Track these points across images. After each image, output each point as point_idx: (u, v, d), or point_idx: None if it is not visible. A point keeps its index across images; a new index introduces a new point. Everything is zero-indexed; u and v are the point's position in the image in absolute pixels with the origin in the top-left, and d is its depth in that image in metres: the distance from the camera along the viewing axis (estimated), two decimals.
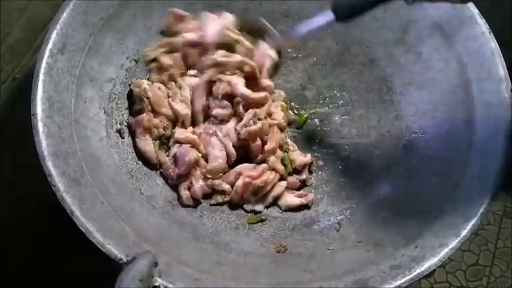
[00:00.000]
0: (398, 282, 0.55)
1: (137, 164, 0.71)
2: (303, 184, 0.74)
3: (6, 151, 0.74)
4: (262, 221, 0.70)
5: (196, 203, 0.70)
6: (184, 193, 0.69)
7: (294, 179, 0.73)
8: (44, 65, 0.62)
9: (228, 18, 0.75)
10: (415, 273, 0.55)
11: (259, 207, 0.71)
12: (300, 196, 0.72)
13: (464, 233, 0.58)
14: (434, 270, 0.57)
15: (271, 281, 0.59)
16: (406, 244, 0.59)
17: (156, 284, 0.52)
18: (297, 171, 0.74)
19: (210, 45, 0.73)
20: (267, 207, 0.72)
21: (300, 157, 0.74)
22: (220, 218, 0.70)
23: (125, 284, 0.50)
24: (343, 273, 0.58)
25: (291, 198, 0.72)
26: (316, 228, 0.69)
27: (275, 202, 0.72)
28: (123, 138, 0.71)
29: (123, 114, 0.72)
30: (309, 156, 0.74)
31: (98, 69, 0.69)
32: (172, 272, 0.55)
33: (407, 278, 0.55)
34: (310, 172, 0.75)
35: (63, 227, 0.56)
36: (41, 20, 0.73)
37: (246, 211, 0.71)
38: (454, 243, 0.57)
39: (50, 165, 0.57)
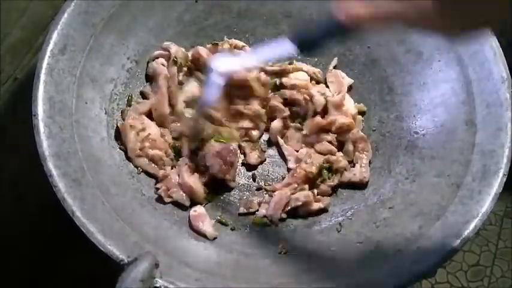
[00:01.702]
0: (399, 283, 0.55)
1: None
2: (333, 191, 0.73)
3: (6, 151, 0.74)
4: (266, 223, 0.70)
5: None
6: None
7: (326, 187, 0.71)
8: (45, 65, 0.62)
9: None
10: (417, 274, 0.55)
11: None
12: (317, 201, 0.70)
13: (466, 233, 0.58)
14: (435, 270, 0.57)
15: (272, 281, 0.59)
16: (408, 245, 0.59)
17: (157, 284, 0.52)
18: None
19: None
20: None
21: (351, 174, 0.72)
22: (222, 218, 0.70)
23: (126, 284, 0.50)
24: (344, 274, 0.58)
25: (312, 204, 0.70)
26: (317, 228, 0.69)
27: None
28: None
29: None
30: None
31: (99, 69, 0.69)
32: (173, 272, 0.55)
33: (409, 278, 0.55)
34: None
35: (63, 227, 0.56)
36: (42, 20, 0.73)
37: (247, 213, 0.71)
38: (455, 244, 0.57)
39: (51, 166, 0.57)
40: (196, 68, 0.75)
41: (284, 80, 0.77)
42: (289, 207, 0.69)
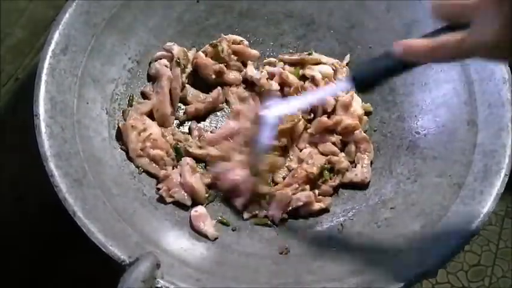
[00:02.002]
0: (401, 284, 0.55)
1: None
2: (335, 191, 0.72)
3: (6, 151, 0.74)
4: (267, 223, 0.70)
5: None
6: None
7: (327, 187, 0.71)
8: (46, 65, 0.62)
9: None
10: (418, 274, 0.55)
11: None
12: (319, 201, 0.70)
13: (467, 234, 0.58)
14: (436, 271, 0.57)
15: (273, 281, 0.59)
16: (409, 245, 0.59)
17: (159, 285, 0.52)
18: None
19: None
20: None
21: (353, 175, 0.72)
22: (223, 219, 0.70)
23: (128, 285, 0.50)
24: (345, 275, 0.58)
25: (313, 205, 0.70)
26: (318, 229, 0.69)
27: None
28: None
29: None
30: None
31: (100, 69, 0.69)
32: (175, 272, 0.55)
33: (411, 279, 0.55)
34: None
35: (64, 227, 0.56)
36: (43, 20, 0.73)
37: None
38: (457, 244, 0.57)
39: (52, 166, 0.57)
40: (200, 74, 0.77)
41: (307, 71, 0.77)
42: (290, 208, 0.69)
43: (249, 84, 0.78)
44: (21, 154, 0.72)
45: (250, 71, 0.78)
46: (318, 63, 0.78)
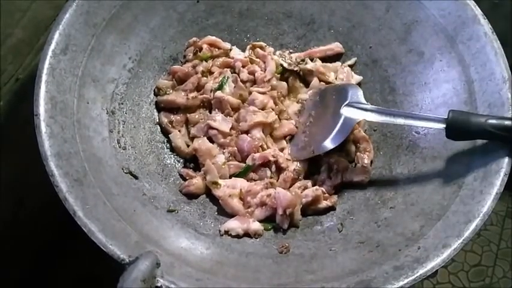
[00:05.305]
0: (401, 283, 0.55)
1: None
2: (336, 191, 0.73)
3: (7, 151, 0.74)
4: (274, 227, 0.69)
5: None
6: None
7: (328, 186, 0.71)
8: (46, 65, 0.62)
9: None
10: (418, 274, 0.55)
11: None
12: (325, 199, 0.70)
13: (467, 233, 0.58)
14: (437, 271, 0.57)
15: (273, 281, 0.59)
16: (409, 245, 0.59)
17: (159, 284, 0.52)
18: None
19: None
20: None
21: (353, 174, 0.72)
22: (223, 219, 0.70)
23: (127, 284, 0.50)
24: (345, 274, 0.58)
25: (320, 202, 0.70)
26: (318, 228, 0.69)
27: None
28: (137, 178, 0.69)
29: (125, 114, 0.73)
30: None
31: (101, 69, 0.69)
32: (175, 272, 0.55)
33: (410, 278, 0.55)
34: None
35: (64, 227, 0.56)
36: (44, 20, 0.73)
37: None
38: (457, 244, 0.57)
39: (52, 166, 0.57)
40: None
41: (301, 66, 0.77)
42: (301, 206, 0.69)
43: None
44: (22, 154, 0.72)
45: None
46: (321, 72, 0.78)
